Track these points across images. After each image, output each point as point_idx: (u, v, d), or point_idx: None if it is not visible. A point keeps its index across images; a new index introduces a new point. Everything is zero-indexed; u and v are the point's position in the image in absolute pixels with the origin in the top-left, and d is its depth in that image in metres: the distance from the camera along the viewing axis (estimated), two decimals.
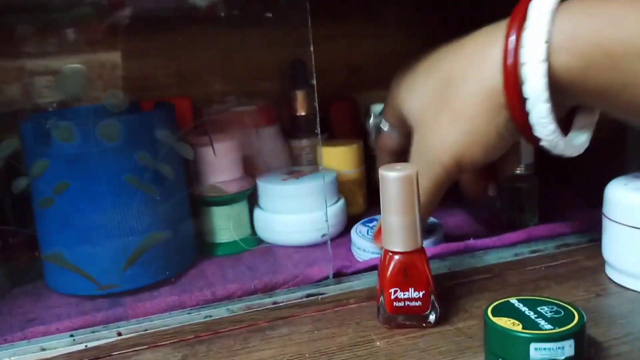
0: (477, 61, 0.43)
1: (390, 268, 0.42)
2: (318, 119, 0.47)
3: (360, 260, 0.53)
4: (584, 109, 0.44)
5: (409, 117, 0.48)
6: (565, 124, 0.44)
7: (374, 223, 0.56)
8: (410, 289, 0.41)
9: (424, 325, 0.42)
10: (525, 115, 0.41)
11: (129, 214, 0.45)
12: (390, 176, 0.40)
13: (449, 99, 0.43)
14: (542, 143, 0.43)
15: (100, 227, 0.45)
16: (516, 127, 0.42)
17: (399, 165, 0.41)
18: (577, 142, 0.44)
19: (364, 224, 0.56)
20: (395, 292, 0.42)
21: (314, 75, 0.46)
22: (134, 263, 0.46)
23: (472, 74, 0.43)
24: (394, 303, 0.42)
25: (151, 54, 0.65)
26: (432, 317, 0.42)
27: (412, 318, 0.42)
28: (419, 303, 0.42)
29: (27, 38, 0.54)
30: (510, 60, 0.40)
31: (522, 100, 0.41)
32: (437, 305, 0.42)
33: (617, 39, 0.37)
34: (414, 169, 0.41)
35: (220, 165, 0.54)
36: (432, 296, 0.42)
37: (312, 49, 0.45)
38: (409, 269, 0.41)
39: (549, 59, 0.39)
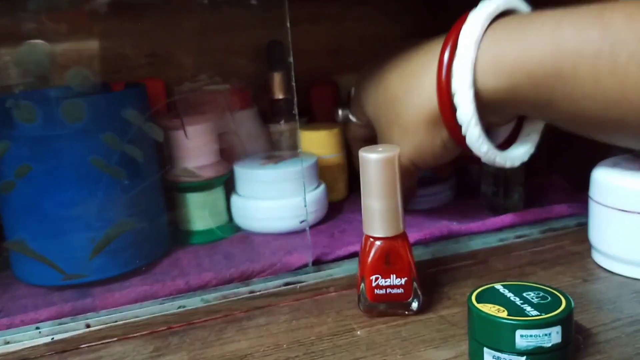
0: (417, 83, 0.46)
1: (372, 254, 0.40)
2: (295, 101, 0.45)
3: None
4: (527, 120, 0.49)
5: (370, 119, 0.53)
6: (513, 131, 0.49)
7: None
8: (392, 275, 0.40)
9: (406, 313, 0.41)
10: (463, 137, 0.45)
11: (95, 199, 0.43)
12: (371, 158, 0.39)
13: (396, 115, 0.47)
14: (482, 159, 0.46)
15: (65, 213, 0.42)
16: (457, 145, 0.46)
17: (380, 147, 0.39)
18: (516, 154, 0.48)
19: None
20: (377, 279, 0.40)
21: (291, 54, 0.44)
22: (102, 251, 0.44)
23: (413, 95, 0.46)
24: (375, 290, 0.40)
25: (125, 34, 0.63)
26: (414, 305, 0.40)
27: (393, 306, 0.41)
28: (401, 290, 0.40)
29: None
30: (442, 88, 0.43)
31: (458, 124, 0.44)
32: (419, 293, 0.40)
33: (535, 61, 0.40)
34: (395, 150, 0.39)
35: (194, 149, 0.52)
36: (414, 283, 0.40)
37: (288, 25, 0.43)
38: (391, 255, 0.40)
39: (475, 84, 0.42)
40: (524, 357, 0.32)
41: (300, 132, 0.62)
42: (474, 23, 0.42)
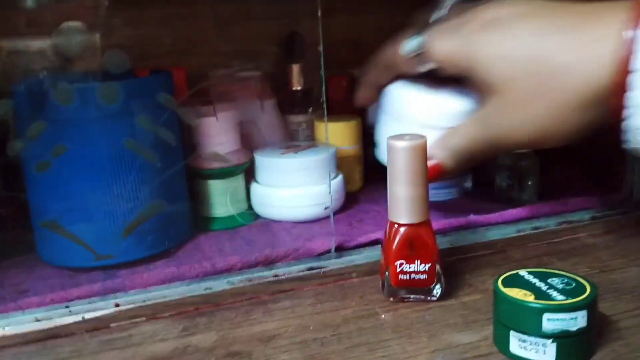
0: (586, 57, 0.40)
1: (397, 240, 0.41)
2: (324, 89, 0.46)
3: None
4: None
5: (488, 78, 0.43)
6: None
7: None
8: (416, 261, 0.41)
9: (429, 299, 0.42)
10: (621, 118, 0.39)
11: (128, 180, 0.44)
12: (399, 145, 0.40)
13: (551, 88, 0.41)
14: (632, 145, 0.40)
15: (99, 194, 0.43)
16: (608, 126, 0.40)
17: (407, 135, 0.40)
18: None
19: None
20: (401, 264, 0.41)
21: (321, 43, 0.45)
22: (133, 232, 0.44)
23: (579, 69, 0.40)
24: (400, 276, 0.41)
25: (148, 23, 0.63)
26: (437, 291, 0.42)
27: (417, 291, 0.42)
28: (424, 276, 0.41)
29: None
30: (622, 65, 0.38)
31: (623, 104, 0.39)
32: (442, 279, 0.42)
33: None
34: (422, 139, 0.40)
35: (220, 135, 0.53)
36: (438, 269, 0.41)
37: (319, 15, 0.44)
38: (415, 241, 0.41)
39: None
40: (550, 340, 0.33)
41: (317, 123, 0.63)
42: None
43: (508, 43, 0.42)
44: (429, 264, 0.41)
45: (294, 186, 0.55)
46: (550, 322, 0.33)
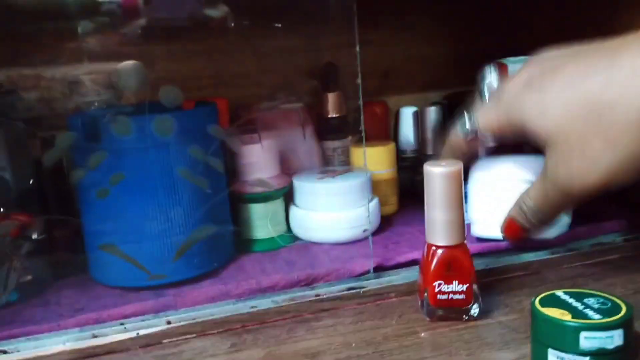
0: (635, 85, 0.39)
1: (435, 261, 0.43)
2: (362, 117, 0.49)
3: None
4: None
5: (539, 133, 0.43)
6: None
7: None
8: (454, 282, 0.43)
9: (467, 318, 0.43)
10: None
11: (180, 205, 0.46)
12: (435, 172, 0.42)
13: (603, 123, 0.40)
14: None
15: (153, 218, 0.46)
16: None
17: (444, 162, 0.42)
18: None
19: None
20: (440, 284, 0.43)
21: (360, 75, 0.48)
22: (184, 254, 0.47)
23: (629, 99, 0.39)
24: (438, 296, 0.43)
25: (190, 57, 0.67)
26: (475, 310, 0.43)
27: (455, 311, 0.43)
28: (462, 296, 0.43)
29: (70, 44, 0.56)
30: None
31: None
32: (480, 299, 0.43)
33: None
34: (458, 165, 0.42)
35: (261, 162, 0.56)
36: (475, 289, 0.43)
37: (358, 49, 0.47)
38: (453, 263, 0.42)
39: None
40: (588, 358, 0.34)
41: (353, 148, 0.66)
42: None
43: (550, 94, 0.42)
44: (467, 285, 0.43)
45: (331, 209, 0.57)
46: (588, 340, 0.34)
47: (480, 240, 0.53)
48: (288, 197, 0.61)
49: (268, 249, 0.58)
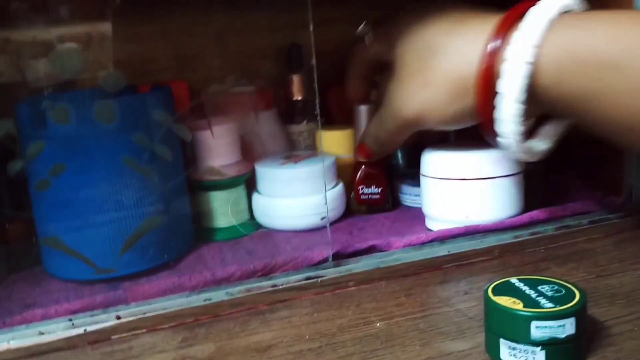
0: (463, 44, 0.46)
1: (359, 172, 0.59)
2: (318, 101, 0.47)
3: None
4: (552, 119, 0.48)
5: (394, 57, 0.51)
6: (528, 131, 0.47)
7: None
8: (372, 186, 0.59)
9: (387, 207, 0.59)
10: (490, 108, 0.44)
11: (126, 196, 0.45)
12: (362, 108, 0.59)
13: (426, 66, 0.47)
14: (499, 139, 0.45)
15: (98, 210, 0.44)
16: (477, 115, 0.46)
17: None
18: (537, 149, 0.48)
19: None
20: (362, 188, 0.59)
21: (314, 56, 0.46)
22: (132, 247, 0.45)
23: (453, 53, 0.46)
24: (361, 196, 0.59)
25: (147, 37, 0.65)
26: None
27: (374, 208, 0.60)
28: (378, 196, 0.59)
29: (19, 13, 0.53)
30: (490, 52, 0.43)
31: (491, 94, 0.44)
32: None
33: (591, 49, 0.40)
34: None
35: (218, 148, 0.54)
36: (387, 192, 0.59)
37: (312, 28, 0.45)
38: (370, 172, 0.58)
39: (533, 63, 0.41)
40: (539, 348, 0.33)
41: (318, 132, 0.64)
42: (545, 6, 0.42)
43: (409, 32, 0.49)
44: (381, 188, 0.59)
45: (293, 196, 0.56)
46: (539, 329, 0.33)
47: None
48: (251, 183, 0.59)
49: (230, 237, 0.56)
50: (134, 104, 0.45)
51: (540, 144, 0.48)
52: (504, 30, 0.43)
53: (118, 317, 0.43)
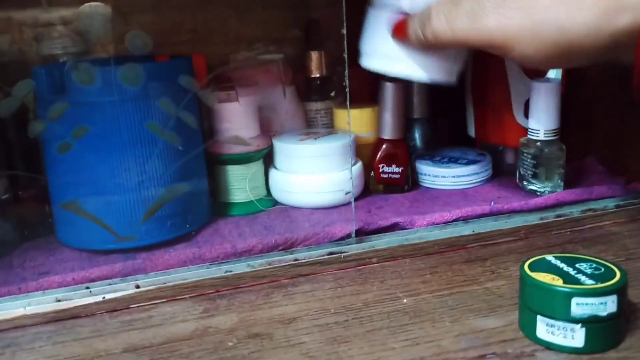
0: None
1: (381, 150, 0.58)
2: (347, 72, 0.45)
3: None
4: None
5: None
6: None
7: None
8: (392, 165, 0.57)
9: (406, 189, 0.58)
10: None
11: (149, 163, 0.43)
12: (387, 84, 0.56)
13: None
14: None
15: (119, 176, 0.43)
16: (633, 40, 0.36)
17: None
18: None
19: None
20: (382, 166, 0.58)
21: (344, 26, 0.45)
22: (154, 215, 0.44)
23: (502, 6, 0.39)
24: (381, 175, 0.58)
25: (165, 9, 0.63)
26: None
27: (392, 188, 0.58)
28: (398, 176, 0.58)
29: None
30: None
31: None
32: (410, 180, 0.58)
33: None
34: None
35: (240, 121, 0.53)
36: (408, 172, 0.58)
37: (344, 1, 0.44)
38: (393, 151, 0.57)
39: None
40: (579, 325, 0.32)
41: (336, 110, 0.63)
42: None
43: None
44: (402, 167, 0.57)
45: (312, 172, 0.55)
46: (580, 306, 0.32)
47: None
48: (268, 159, 0.58)
49: (246, 212, 0.55)
50: (159, 69, 0.43)
51: None
52: None
53: (137, 286, 0.42)
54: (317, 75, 0.65)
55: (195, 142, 0.48)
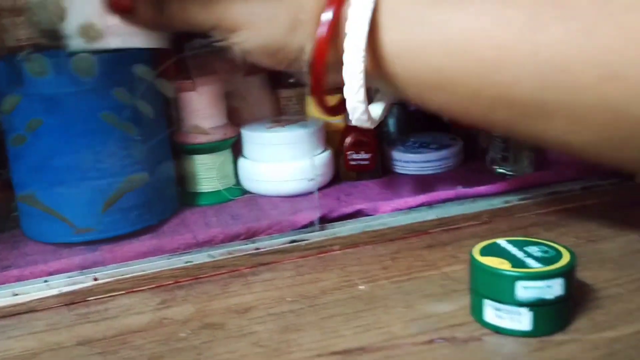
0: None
1: (348, 137, 0.56)
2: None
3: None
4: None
5: None
6: None
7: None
8: (361, 152, 0.56)
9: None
10: (337, 48, 0.39)
11: (106, 153, 0.43)
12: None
13: None
14: (346, 91, 0.40)
15: (76, 168, 0.43)
16: (311, 60, 0.41)
17: None
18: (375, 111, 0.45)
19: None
20: (351, 154, 0.56)
21: None
22: (113, 207, 0.44)
23: None
24: (350, 162, 0.57)
25: None
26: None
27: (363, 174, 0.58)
28: (367, 162, 0.57)
29: None
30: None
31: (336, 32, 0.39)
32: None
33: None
34: None
35: (203, 110, 0.52)
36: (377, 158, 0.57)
37: None
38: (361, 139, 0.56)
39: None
40: (526, 308, 0.32)
41: (309, 97, 0.62)
42: None
43: None
44: (370, 154, 0.56)
45: (280, 160, 0.54)
46: (526, 290, 0.32)
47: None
48: (237, 148, 0.58)
49: (215, 202, 0.55)
50: (114, 59, 0.43)
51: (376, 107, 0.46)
52: None
53: (95, 279, 0.42)
54: None
55: (157, 132, 0.48)
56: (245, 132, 0.56)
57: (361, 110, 0.41)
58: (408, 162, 0.60)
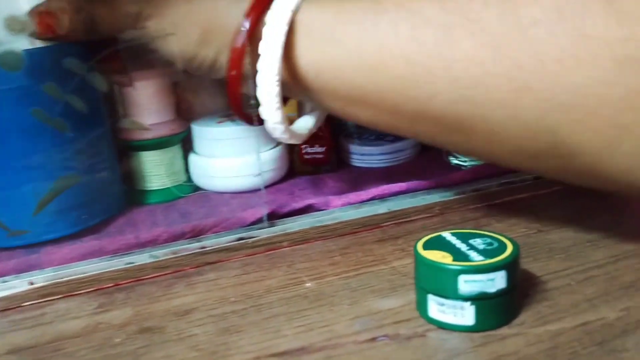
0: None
1: None
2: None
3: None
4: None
5: None
6: None
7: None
8: (315, 145, 0.56)
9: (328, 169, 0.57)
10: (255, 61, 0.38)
11: (37, 152, 0.41)
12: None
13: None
14: (263, 112, 0.39)
15: (6, 167, 0.41)
16: (227, 75, 0.40)
17: None
18: (302, 129, 0.45)
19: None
20: (305, 147, 0.56)
21: None
22: (47, 207, 0.42)
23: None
24: (304, 156, 0.57)
25: None
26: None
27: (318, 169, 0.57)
28: (322, 156, 0.57)
29: None
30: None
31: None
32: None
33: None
34: None
35: (146, 105, 0.50)
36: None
37: None
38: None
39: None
40: (469, 303, 0.31)
41: None
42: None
43: None
44: (324, 147, 0.56)
45: (229, 156, 0.53)
46: (467, 283, 0.31)
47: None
48: (187, 144, 0.56)
49: (164, 200, 0.53)
50: (43, 52, 0.41)
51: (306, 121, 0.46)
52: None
53: (31, 283, 0.40)
54: None
55: (93, 127, 0.46)
56: (195, 127, 0.55)
57: (280, 130, 0.41)
58: (364, 154, 0.59)
